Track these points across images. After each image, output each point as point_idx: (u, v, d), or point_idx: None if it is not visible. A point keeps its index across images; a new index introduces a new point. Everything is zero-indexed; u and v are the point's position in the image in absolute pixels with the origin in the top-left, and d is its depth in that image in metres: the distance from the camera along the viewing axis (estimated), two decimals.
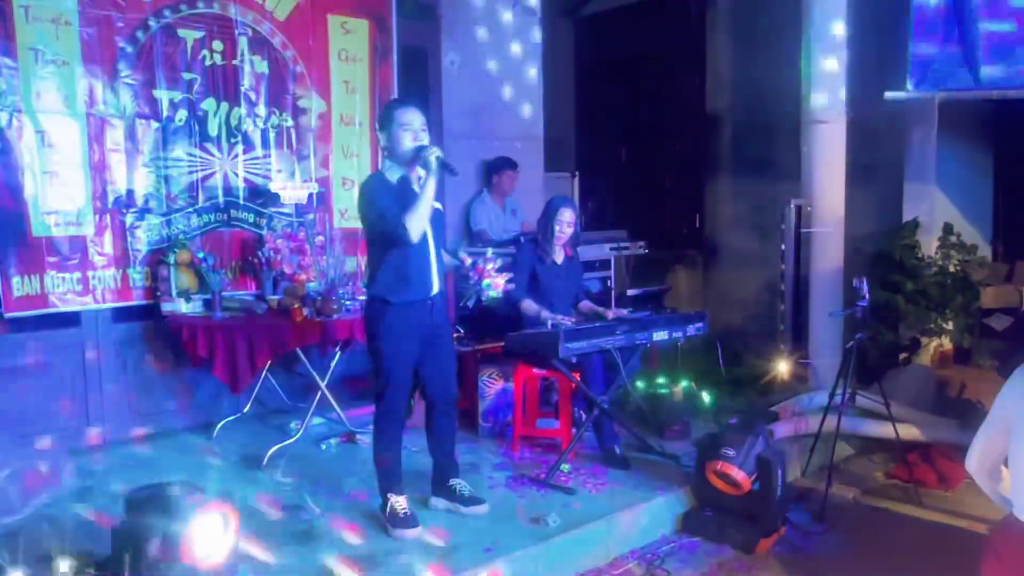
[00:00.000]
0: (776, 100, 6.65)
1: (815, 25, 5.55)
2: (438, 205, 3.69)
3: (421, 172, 3.52)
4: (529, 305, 4.64)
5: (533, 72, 7.00)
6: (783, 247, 5.75)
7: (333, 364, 5.01)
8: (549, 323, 4.43)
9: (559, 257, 4.76)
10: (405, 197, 3.49)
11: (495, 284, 3.86)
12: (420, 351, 3.66)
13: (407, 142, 3.51)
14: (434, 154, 3.44)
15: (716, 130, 7.41)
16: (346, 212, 5.69)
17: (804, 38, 5.63)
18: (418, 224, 3.42)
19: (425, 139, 3.54)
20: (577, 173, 8.25)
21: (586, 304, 4.88)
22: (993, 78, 5.09)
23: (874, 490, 4.51)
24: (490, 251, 3.94)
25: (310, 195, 5.49)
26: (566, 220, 4.67)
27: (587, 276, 5.55)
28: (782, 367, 5.65)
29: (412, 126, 3.51)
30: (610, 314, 4.67)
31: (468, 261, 3.87)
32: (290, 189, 5.37)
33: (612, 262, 6.24)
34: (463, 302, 4.02)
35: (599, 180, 8.46)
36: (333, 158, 5.74)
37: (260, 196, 5.41)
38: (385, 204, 3.45)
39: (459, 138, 6.59)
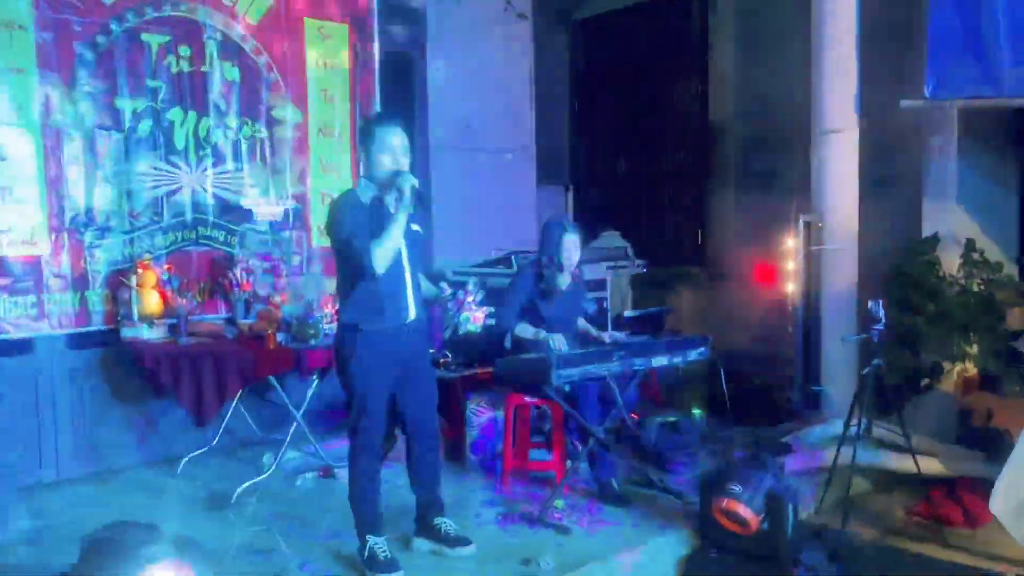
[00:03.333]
0: (784, 108, 6.64)
1: (825, 28, 5.55)
2: (417, 227, 3.67)
3: (394, 192, 3.50)
4: (523, 328, 4.61)
5: (525, 80, 6.99)
6: (792, 265, 5.71)
7: (310, 393, 4.98)
8: (551, 342, 4.40)
9: (565, 284, 4.74)
10: (378, 219, 3.48)
11: (474, 318, 3.85)
12: (396, 381, 3.64)
13: (386, 164, 3.49)
14: (409, 183, 3.41)
15: (719, 141, 7.41)
16: (325, 230, 5.67)
17: (813, 42, 5.62)
18: (385, 256, 3.41)
19: (405, 164, 3.51)
20: (571, 186, 8.24)
21: (580, 324, 4.86)
22: (1018, 84, 5.07)
23: (894, 528, 4.44)
24: (472, 282, 3.92)
25: (285, 212, 5.49)
26: (571, 247, 4.66)
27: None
28: (792, 395, 5.60)
29: (393, 149, 3.49)
30: (606, 337, 4.64)
31: (448, 291, 3.86)
32: (264, 205, 5.37)
33: (608, 282, 6.20)
34: (445, 333, 4.00)
35: (595, 194, 8.44)
36: (310, 172, 5.74)
37: (231, 213, 5.39)
38: (354, 228, 3.43)
39: (446, 150, 6.58)
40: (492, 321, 4.07)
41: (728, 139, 7.32)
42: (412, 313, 3.62)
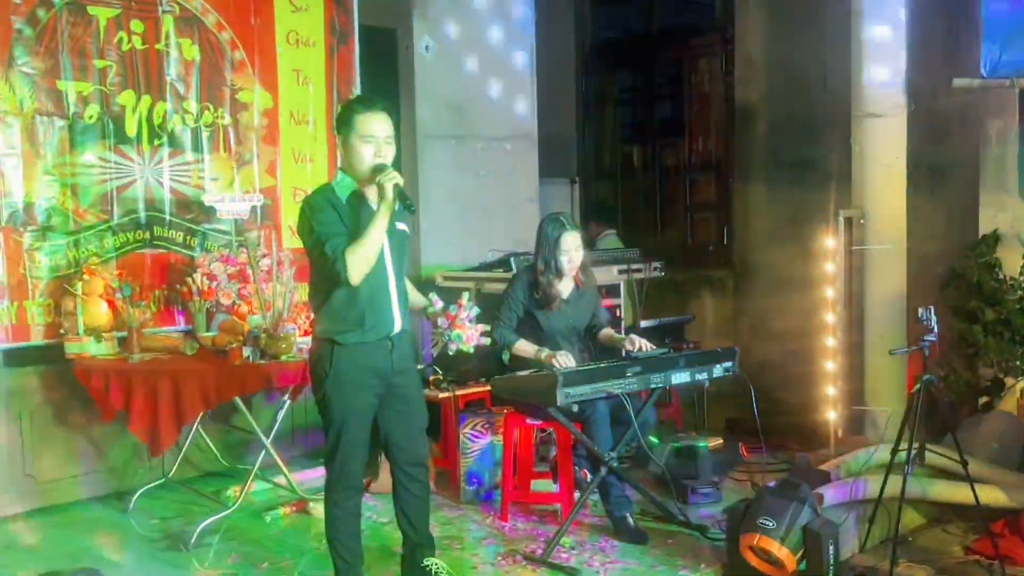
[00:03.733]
0: (821, 88, 6.63)
1: None
2: (403, 227, 3.66)
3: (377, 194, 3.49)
4: (523, 345, 4.61)
5: (525, 58, 6.99)
6: (831, 268, 5.70)
7: (281, 416, 5.00)
8: (554, 363, 4.39)
9: (567, 291, 4.73)
10: (356, 218, 3.46)
11: (468, 337, 3.88)
12: (379, 402, 3.62)
13: (366, 156, 3.47)
14: (391, 181, 3.39)
15: (747, 125, 7.39)
16: (296, 231, 5.68)
17: (854, 13, 5.61)
18: (361, 265, 3.39)
19: (389, 155, 3.50)
20: (578, 179, 8.23)
21: (606, 334, 4.84)
22: None
23: (950, 568, 4.42)
24: (467, 296, 3.91)
25: (253, 208, 5.49)
26: (572, 247, 4.64)
27: None
28: (832, 416, 5.59)
29: (375, 137, 3.48)
30: (629, 344, 4.58)
31: (439, 304, 3.86)
32: (228, 201, 5.37)
33: (621, 287, 6.20)
34: (433, 350, 4.01)
35: (605, 187, 8.43)
36: (281, 163, 5.74)
37: (191, 210, 5.39)
38: (328, 229, 3.42)
39: (436, 138, 6.59)
40: (488, 341, 4.07)
41: (757, 124, 7.30)
42: (397, 324, 3.61)
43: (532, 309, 4.66)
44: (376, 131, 3.47)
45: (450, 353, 3.93)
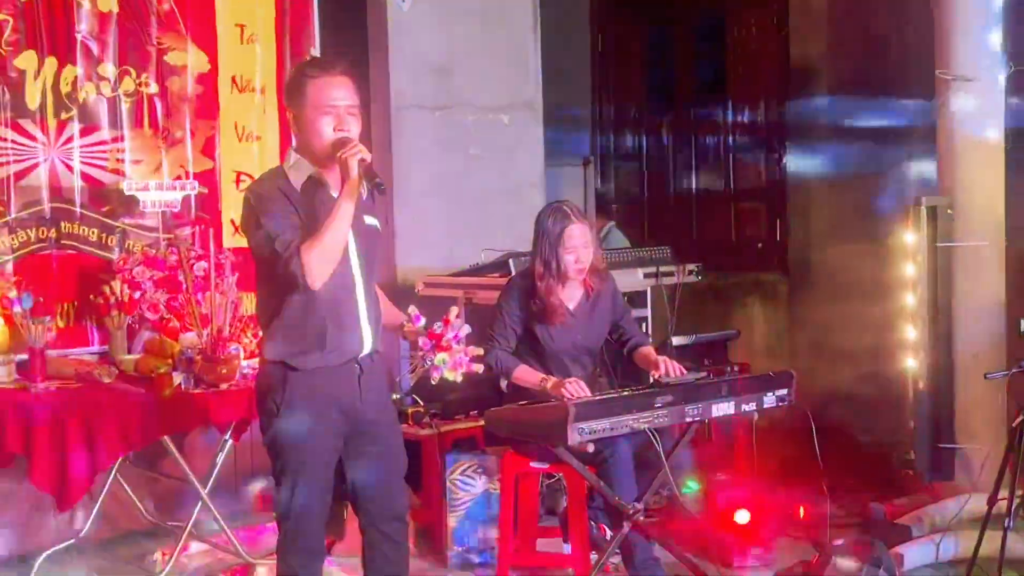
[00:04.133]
0: (896, 46, 6.62)
1: None
2: (373, 220, 3.65)
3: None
4: (523, 373, 4.60)
5: (527, 8, 6.97)
6: (911, 270, 5.69)
7: (220, 459, 5.01)
8: (565, 390, 4.37)
9: (574, 300, 4.71)
10: (314, 210, 3.45)
11: (455, 362, 3.83)
12: (345, 441, 3.61)
13: (324, 131, 3.46)
14: (356, 155, 3.38)
15: (806, 91, 7.39)
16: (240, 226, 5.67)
17: None
18: (323, 264, 3.37)
19: (354, 128, 3.49)
20: (593, 160, 8.20)
21: (644, 354, 4.79)
22: None
23: None
24: (455, 309, 3.88)
25: (186, 198, 5.49)
26: (580, 243, 4.62)
27: None
28: (913, 456, 5.58)
29: (334, 107, 3.47)
30: (663, 367, 4.56)
31: (420, 321, 3.83)
32: (154, 190, 5.37)
33: (648, 295, 6.18)
34: (410, 378, 3.98)
35: (627, 170, 8.41)
36: (221, 141, 5.75)
37: (107, 201, 5.39)
38: (279, 222, 3.40)
39: (415, 110, 6.58)
40: (479, 368, 4.03)
41: (817, 89, 7.30)
42: (367, 343, 3.60)
43: (531, 324, 4.65)
44: (336, 98, 3.47)
45: (432, 383, 3.90)
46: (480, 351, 4.03)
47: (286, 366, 3.51)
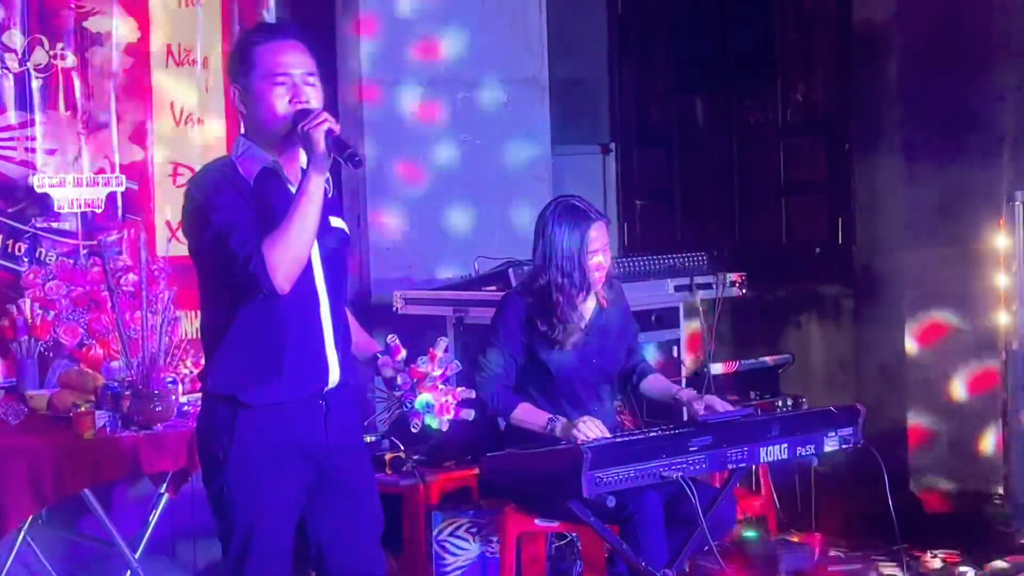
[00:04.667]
0: (984, 8, 6.63)
1: None
2: (340, 223, 3.69)
3: (301, 155, 3.54)
4: (526, 413, 4.66)
5: None
6: (1004, 280, 5.71)
7: (155, 518, 5.02)
8: (579, 430, 4.41)
9: (586, 315, 4.79)
10: (271, 207, 3.45)
11: (442, 407, 3.81)
12: (308, 495, 3.60)
13: (278, 105, 3.50)
14: (321, 127, 3.40)
15: (872, 63, 7.41)
16: (180, 228, 5.68)
17: None
18: (289, 261, 3.35)
19: (314, 100, 3.52)
20: (614, 146, 8.21)
21: (655, 382, 4.87)
22: None
23: None
24: (443, 343, 3.91)
25: (111, 196, 5.55)
26: (602, 246, 4.69)
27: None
28: (1009, 509, 5.60)
29: (288, 74, 3.53)
30: (698, 405, 4.61)
31: (400, 353, 3.79)
32: (72, 186, 5.43)
33: (680, 312, 6.20)
34: (384, 421, 3.96)
35: (654, 157, 8.42)
36: (155, 127, 5.83)
37: (14, 199, 5.47)
38: (231, 216, 3.40)
39: (392, 86, 6.58)
40: (470, 415, 4.00)
41: (887, 61, 7.31)
42: (333, 374, 3.60)
43: (536, 349, 4.72)
44: (289, 65, 3.48)
45: (413, 429, 3.85)
46: (471, 394, 3.96)
47: (235, 401, 3.47)
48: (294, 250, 3.35)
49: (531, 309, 4.71)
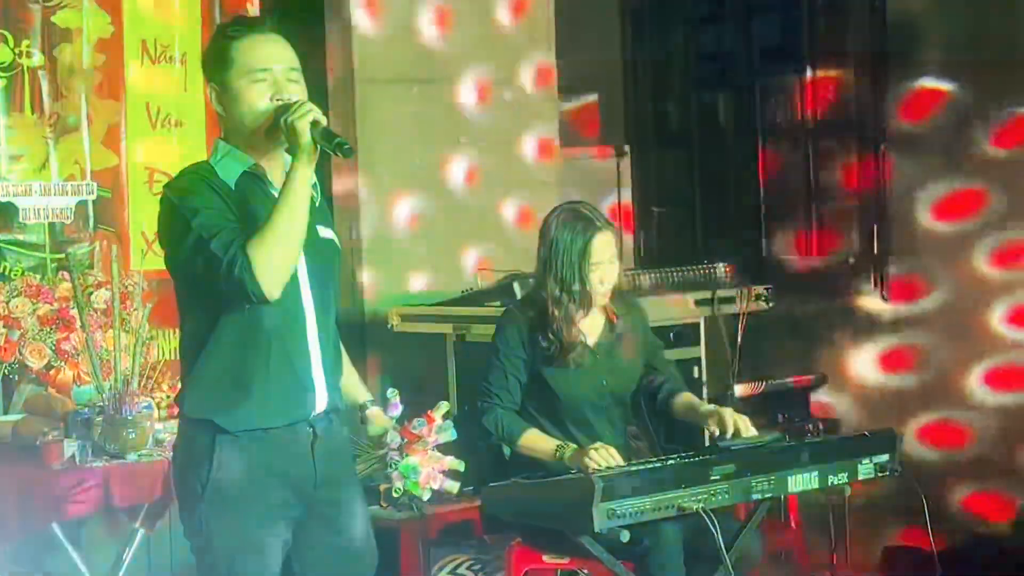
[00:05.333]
0: None
1: None
2: (329, 232, 3.65)
3: (284, 158, 3.46)
4: (533, 440, 4.61)
5: None
6: None
7: (128, 555, 4.98)
8: (590, 458, 4.36)
9: (594, 332, 4.75)
10: (254, 213, 3.42)
11: (427, 475, 3.79)
12: (295, 533, 3.57)
13: (258, 102, 3.47)
14: (305, 117, 3.37)
15: (908, 59, 7.39)
16: (157, 238, 5.67)
17: None
18: (277, 264, 3.31)
19: (297, 92, 3.48)
20: (629, 149, 8.19)
21: (685, 403, 4.82)
22: None
23: None
24: (443, 408, 3.85)
25: (81, 205, 5.52)
26: (606, 257, 4.65)
27: None
28: None
29: (268, 71, 3.48)
30: (725, 423, 4.54)
31: (396, 410, 3.80)
32: (39, 194, 5.39)
33: (701, 328, 6.17)
34: (360, 470, 3.91)
35: (672, 159, 8.40)
36: (128, 129, 5.78)
37: None
38: (211, 220, 3.35)
39: (387, 84, 6.57)
40: (454, 487, 3.97)
41: (924, 53, 7.29)
42: (321, 398, 3.57)
43: (539, 368, 4.67)
44: (269, 59, 3.47)
45: (394, 494, 3.81)
46: (460, 465, 3.91)
47: (214, 427, 3.45)
48: (282, 251, 3.30)
49: (532, 323, 4.66)
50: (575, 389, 4.67)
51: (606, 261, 4.61)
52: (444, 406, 3.87)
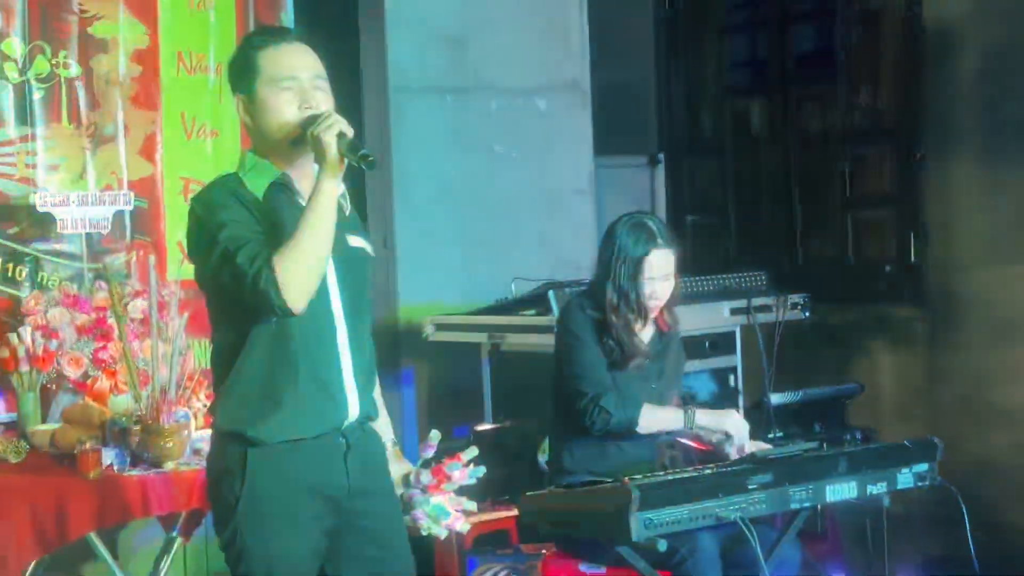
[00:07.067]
0: None
1: None
2: (361, 242, 3.66)
3: (313, 167, 3.46)
4: (653, 418, 4.65)
5: None
6: None
7: (166, 565, 4.99)
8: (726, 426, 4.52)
9: (645, 337, 4.77)
10: (281, 223, 3.44)
11: (451, 520, 3.84)
12: (330, 545, 3.57)
13: (286, 111, 3.48)
14: (332, 128, 3.37)
15: (946, 64, 7.37)
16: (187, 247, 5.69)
17: None
18: (303, 277, 3.32)
19: (324, 105, 3.49)
20: (663, 156, 8.19)
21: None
22: None
23: None
24: (473, 452, 3.91)
25: (118, 215, 5.52)
26: (661, 274, 4.68)
27: (689, 368, 5.51)
28: None
29: (295, 79, 3.50)
30: (748, 446, 4.64)
31: (430, 450, 3.85)
32: (77, 204, 5.38)
33: (737, 337, 6.15)
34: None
35: (706, 168, 8.39)
36: (165, 139, 5.79)
37: (14, 219, 5.45)
38: (238, 231, 3.37)
39: (421, 93, 6.59)
40: (464, 526, 4.00)
41: (962, 62, 7.27)
42: (353, 407, 3.57)
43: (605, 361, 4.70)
44: (296, 68, 3.49)
45: (422, 532, 3.84)
46: (474, 506, 3.99)
47: (244, 440, 3.47)
48: (307, 264, 3.31)
49: (596, 324, 4.69)
50: (630, 389, 4.69)
51: (660, 277, 4.65)
52: (473, 450, 3.94)
